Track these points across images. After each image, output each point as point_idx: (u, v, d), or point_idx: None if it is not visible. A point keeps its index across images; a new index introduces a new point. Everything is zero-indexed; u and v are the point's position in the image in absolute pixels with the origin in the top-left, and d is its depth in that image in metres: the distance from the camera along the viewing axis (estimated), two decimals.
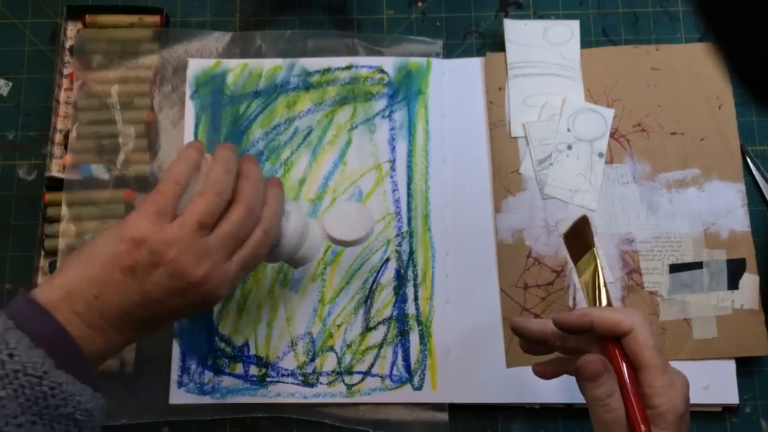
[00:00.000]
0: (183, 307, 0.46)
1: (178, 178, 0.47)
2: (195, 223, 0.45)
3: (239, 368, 0.60)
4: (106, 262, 0.44)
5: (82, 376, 0.42)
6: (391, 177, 0.64)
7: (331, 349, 0.60)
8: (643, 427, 0.44)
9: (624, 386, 0.45)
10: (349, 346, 0.60)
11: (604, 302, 0.50)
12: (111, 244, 0.45)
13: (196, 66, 0.66)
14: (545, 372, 0.51)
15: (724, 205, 0.62)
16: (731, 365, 0.59)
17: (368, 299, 0.61)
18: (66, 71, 0.66)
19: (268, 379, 0.60)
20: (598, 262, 0.50)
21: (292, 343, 0.61)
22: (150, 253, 0.44)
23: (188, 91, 0.65)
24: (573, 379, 0.50)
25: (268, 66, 0.66)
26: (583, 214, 0.52)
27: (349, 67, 0.66)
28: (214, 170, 0.48)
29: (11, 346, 0.40)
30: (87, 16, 0.66)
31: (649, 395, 0.44)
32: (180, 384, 0.60)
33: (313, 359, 0.60)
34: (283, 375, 0.60)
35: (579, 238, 0.52)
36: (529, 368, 0.59)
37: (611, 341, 0.46)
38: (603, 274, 0.50)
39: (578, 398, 0.58)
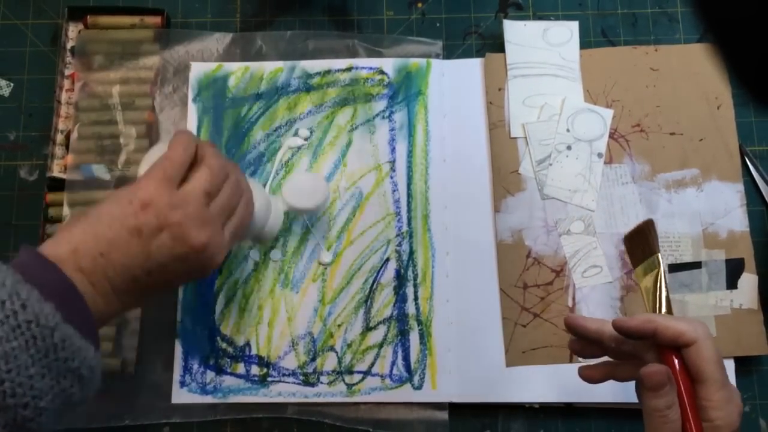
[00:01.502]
0: (183, 274, 0.47)
1: (186, 145, 0.48)
2: (203, 191, 0.47)
3: (241, 368, 0.60)
4: (114, 222, 0.45)
5: (87, 334, 0.41)
6: (391, 177, 0.64)
7: (332, 348, 0.61)
8: None
9: (682, 398, 0.44)
10: (349, 345, 0.61)
11: (664, 310, 0.49)
12: (119, 206, 0.45)
13: (198, 69, 0.66)
14: (593, 376, 0.50)
15: (723, 205, 0.63)
16: (730, 365, 0.60)
17: (368, 299, 0.62)
18: (67, 72, 0.66)
19: (269, 379, 0.60)
20: (662, 268, 0.49)
21: (292, 342, 0.61)
22: (156, 216, 0.45)
23: (190, 95, 0.65)
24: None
25: (269, 68, 0.66)
26: (649, 218, 0.51)
27: (349, 69, 0.66)
28: (208, 151, 0.49)
29: (23, 296, 0.39)
30: (88, 17, 0.66)
31: (706, 408, 0.44)
32: (182, 384, 0.60)
33: (313, 359, 0.60)
34: (284, 375, 0.60)
35: (642, 241, 0.51)
36: (529, 368, 0.60)
37: (671, 350, 0.46)
38: (666, 280, 0.49)
39: (577, 398, 0.59)
